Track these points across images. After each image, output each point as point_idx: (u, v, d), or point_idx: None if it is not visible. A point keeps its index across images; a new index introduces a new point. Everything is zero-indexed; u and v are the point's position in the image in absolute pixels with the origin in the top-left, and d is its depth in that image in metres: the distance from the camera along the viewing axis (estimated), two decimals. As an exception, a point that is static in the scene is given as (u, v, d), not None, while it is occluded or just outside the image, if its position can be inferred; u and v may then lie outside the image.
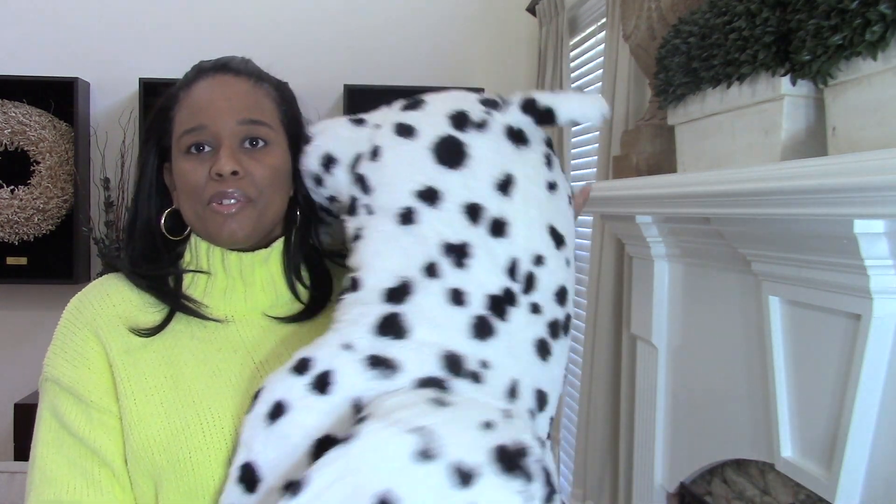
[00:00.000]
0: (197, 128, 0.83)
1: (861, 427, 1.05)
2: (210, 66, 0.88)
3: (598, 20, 2.54)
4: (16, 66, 2.98)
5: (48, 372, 0.83)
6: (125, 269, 0.88)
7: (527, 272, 0.77)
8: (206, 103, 0.84)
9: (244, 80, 0.87)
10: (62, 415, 0.80)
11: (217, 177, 0.82)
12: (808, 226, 1.07)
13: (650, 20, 1.65)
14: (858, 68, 0.99)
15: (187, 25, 3.08)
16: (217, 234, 0.84)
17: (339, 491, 0.60)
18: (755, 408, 1.33)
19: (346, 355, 0.71)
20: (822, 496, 1.12)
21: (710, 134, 1.37)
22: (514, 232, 0.78)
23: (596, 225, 2.20)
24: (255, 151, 0.84)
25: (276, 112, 0.88)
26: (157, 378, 0.81)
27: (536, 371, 0.76)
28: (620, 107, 2.08)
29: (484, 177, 0.78)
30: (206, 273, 0.87)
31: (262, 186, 0.84)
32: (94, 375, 0.81)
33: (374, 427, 0.63)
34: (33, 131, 2.90)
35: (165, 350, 0.83)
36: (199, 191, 0.83)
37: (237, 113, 0.84)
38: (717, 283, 1.47)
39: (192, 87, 0.87)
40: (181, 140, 0.84)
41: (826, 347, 1.13)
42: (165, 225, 0.88)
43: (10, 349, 3.02)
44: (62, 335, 0.84)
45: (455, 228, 0.76)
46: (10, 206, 2.89)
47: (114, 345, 0.82)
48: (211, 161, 0.82)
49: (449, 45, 3.18)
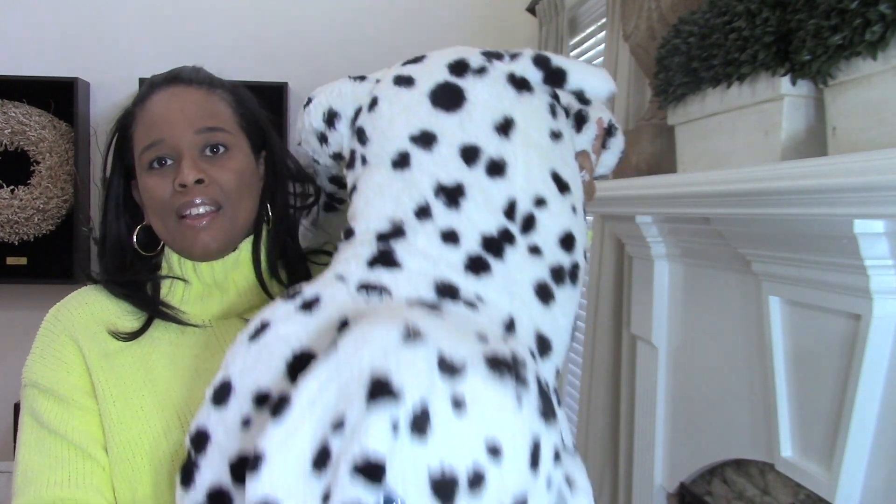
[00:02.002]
0: (155, 142, 0.83)
1: (861, 427, 1.05)
2: (161, 80, 0.89)
3: (598, 20, 2.53)
4: (16, 66, 2.97)
5: (27, 378, 0.84)
6: (102, 279, 0.88)
7: (526, 213, 0.74)
8: (162, 117, 0.84)
9: (196, 88, 0.88)
10: (41, 415, 0.80)
11: (181, 188, 0.82)
12: (808, 226, 1.07)
13: (650, 20, 1.64)
14: (858, 68, 0.99)
15: (187, 25, 3.08)
16: (190, 249, 0.84)
17: (327, 399, 0.57)
18: (755, 408, 1.33)
19: (338, 284, 0.69)
20: (823, 496, 1.12)
21: (710, 134, 1.37)
22: (513, 173, 0.75)
23: (596, 225, 2.20)
24: (217, 158, 0.85)
25: (232, 116, 0.88)
26: (135, 382, 0.81)
27: (537, 314, 0.73)
28: (620, 107, 2.08)
29: (482, 119, 0.76)
30: (183, 280, 0.87)
31: (228, 192, 0.84)
32: (72, 377, 0.82)
33: (358, 326, 0.59)
34: (33, 131, 2.90)
35: (143, 356, 0.83)
36: (166, 204, 0.83)
37: (193, 123, 0.84)
38: (717, 283, 1.47)
39: (145, 102, 0.87)
40: (142, 157, 0.85)
41: (826, 347, 1.13)
42: (138, 241, 0.89)
43: (11, 349, 3.02)
44: (40, 342, 0.85)
45: (449, 170, 0.74)
46: (10, 206, 2.89)
47: (91, 348, 0.83)
48: (174, 173, 0.83)
49: (449, 45, 3.17)
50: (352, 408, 0.56)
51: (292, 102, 3.04)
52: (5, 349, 3.03)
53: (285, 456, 0.57)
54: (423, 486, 0.55)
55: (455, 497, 0.55)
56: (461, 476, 0.55)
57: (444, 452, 0.56)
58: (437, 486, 0.55)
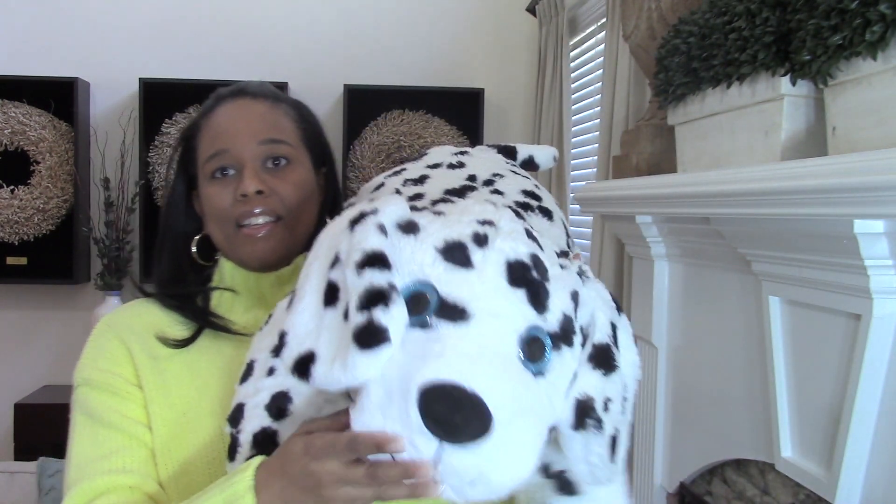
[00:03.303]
0: (219, 153, 0.86)
1: (861, 427, 1.05)
2: (227, 93, 0.91)
3: (598, 20, 2.54)
4: (16, 66, 2.98)
5: (78, 378, 0.85)
6: (154, 291, 0.90)
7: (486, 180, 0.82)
8: (226, 128, 0.86)
9: (261, 101, 0.89)
10: (95, 409, 0.82)
11: (242, 198, 0.84)
12: (808, 226, 1.07)
13: (650, 20, 1.65)
14: (858, 68, 0.99)
15: (187, 25, 3.08)
16: (248, 258, 0.86)
17: (323, 252, 0.63)
18: (755, 408, 1.33)
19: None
20: (823, 496, 1.12)
21: (710, 134, 1.37)
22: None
23: (596, 225, 2.20)
24: (278, 170, 0.86)
25: (295, 130, 0.90)
26: (181, 388, 0.83)
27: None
28: (620, 107, 2.08)
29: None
30: (233, 291, 0.89)
31: (288, 204, 0.86)
32: (121, 369, 0.83)
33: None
34: (33, 131, 2.90)
35: (191, 363, 0.84)
36: (227, 213, 0.85)
37: (257, 134, 0.86)
38: (717, 283, 1.47)
39: (211, 114, 0.89)
40: (205, 166, 0.87)
41: (826, 347, 1.13)
42: (197, 251, 0.91)
43: (10, 349, 3.02)
44: (90, 345, 0.86)
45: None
46: (10, 206, 2.89)
47: (139, 350, 0.84)
48: (235, 183, 0.85)
49: (449, 45, 3.18)
50: (340, 240, 0.62)
51: (292, 102, 3.04)
52: (5, 349, 3.03)
53: (301, 304, 0.63)
54: (434, 256, 0.59)
55: (468, 252, 0.60)
56: (467, 239, 0.60)
57: (443, 233, 0.60)
58: (447, 249, 0.59)
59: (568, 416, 0.62)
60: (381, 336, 0.56)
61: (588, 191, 1.84)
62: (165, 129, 2.96)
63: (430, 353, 0.56)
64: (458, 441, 0.54)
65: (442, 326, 0.58)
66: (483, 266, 0.60)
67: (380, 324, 0.56)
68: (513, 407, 0.56)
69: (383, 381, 0.56)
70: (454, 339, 0.57)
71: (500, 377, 0.56)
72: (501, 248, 0.61)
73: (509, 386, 0.57)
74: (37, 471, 2.10)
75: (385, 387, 0.56)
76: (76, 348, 0.89)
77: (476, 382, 0.54)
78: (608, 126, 2.15)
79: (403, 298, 0.58)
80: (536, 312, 0.60)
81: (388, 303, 0.57)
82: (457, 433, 0.54)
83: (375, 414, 0.56)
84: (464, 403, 0.53)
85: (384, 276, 0.58)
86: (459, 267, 0.59)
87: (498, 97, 3.18)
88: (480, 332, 0.58)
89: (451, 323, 0.58)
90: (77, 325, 3.00)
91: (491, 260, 0.60)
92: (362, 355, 0.56)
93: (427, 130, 3.04)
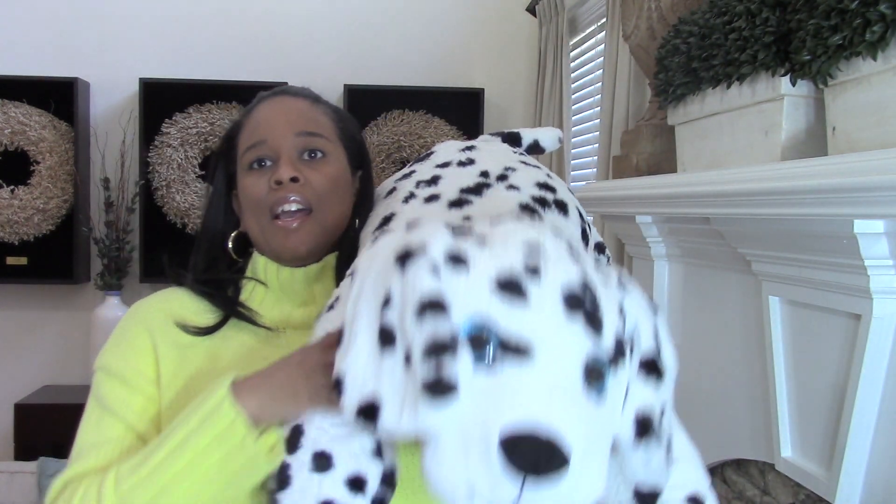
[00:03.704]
0: (257, 143, 0.89)
1: (861, 427, 1.05)
2: (269, 93, 0.95)
3: (598, 20, 2.54)
4: (16, 66, 2.97)
5: (98, 364, 0.86)
6: (187, 279, 0.91)
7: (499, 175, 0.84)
8: (266, 120, 0.90)
9: (301, 99, 0.93)
10: (104, 397, 0.83)
11: (276, 185, 0.86)
12: (808, 226, 1.07)
13: (650, 20, 1.65)
14: (858, 68, 0.99)
15: (187, 25, 3.08)
16: (280, 249, 0.88)
17: (367, 289, 0.64)
18: (755, 408, 1.33)
19: None
20: (822, 496, 1.12)
21: (710, 134, 1.37)
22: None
23: (596, 225, 2.20)
24: (314, 162, 0.89)
25: (333, 127, 0.93)
26: (200, 376, 0.84)
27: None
28: (620, 107, 2.08)
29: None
30: (264, 284, 0.91)
31: (320, 193, 0.87)
32: (140, 363, 0.84)
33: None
34: (33, 131, 2.90)
35: (213, 349, 0.86)
36: (262, 202, 0.87)
37: (294, 126, 0.89)
38: (717, 283, 1.47)
39: (252, 111, 0.93)
40: (244, 157, 0.90)
41: (826, 347, 1.13)
42: (232, 247, 0.94)
43: (10, 349, 3.02)
44: (116, 333, 0.88)
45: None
46: (10, 206, 2.89)
47: (163, 339, 0.85)
48: (271, 173, 0.87)
49: (449, 45, 3.18)
50: (391, 279, 0.62)
51: (292, 102, 3.04)
52: (5, 349, 3.03)
53: (355, 346, 0.63)
54: (490, 293, 0.59)
55: (522, 285, 0.59)
56: (518, 271, 0.60)
57: (493, 264, 0.60)
58: (503, 287, 0.59)
59: (628, 433, 0.64)
60: (450, 387, 0.57)
61: (588, 191, 1.84)
62: (165, 129, 2.96)
63: (502, 398, 0.56)
64: (538, 480, 0.55)
65: (507, 366, 0.58)
66: (540, 298, 0.59)
67: (449, 376, 0.57)
68: (587, 434, 0.57)
69: (458, 429, 0.57)
70: (522, 378, 0.57)
71: (572, 412, 0.57)
72: (555, 276, 0.60)
73: (581, 419, 0.57)
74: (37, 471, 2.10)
75: (460, 435, 0.57)
76: (76, 348, 0.89)
77: (553, 422, 0.55)
78: (608, 126, 2.15)
79: (465, 341, 0.58)
80: (594, 338, 0.60)
81: (451, 349, 0.57)
82: (538, 474, 0.55)
83: (456, 464, 0.56)
84: (545, 445, 0.54)
85: (446, 325, 0.58)
86: (516, 301, 0.59)
87: (498, 97, 3.18)
88: (547, 369, 0.58)
89: (515, 362, 0.58)
90: (77, 325, 3.00)
91: (547, 291, 0.59)
92: (433, 406, 0.57)
93: (427, 130, 3.03)
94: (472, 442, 0.56)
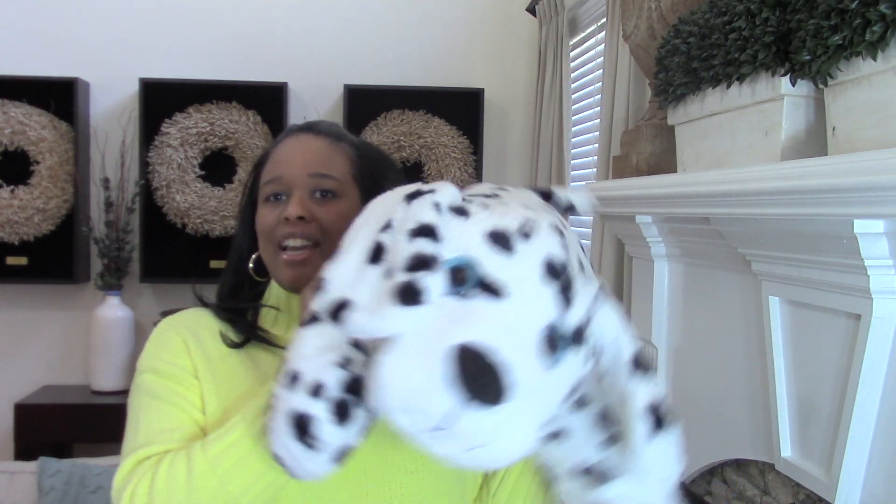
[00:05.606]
0: (275, 178, 0.95)
1: (861, 427, 1.05)
2: (297, 127, 1.01)
3: (598, 20, 2.54)
4: (16, 66, 2.97)
5: (143, 366, 0.92)
6: (211, 303, 0.99)
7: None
8: (286, 157, 0.97)
9: (323, 138, 0.98)
10: (159, 392, 0.89)
11: (285, 221, 0.92)
12: (808, 226, 1.07)
13: (650, 20, 1.65)
14: (858, 68, 0.99)
15: (187, 25, 3.08)
16: (283, 279, 0.94)
17: (376, 214, 0.69)
18: (755, 408, 1.33)
19: None
20: (822, 496, 1.12)
21: (710, 134, 1.37)
22: None
23: (596, 225, 2.20)
24: (325, 201, 0.95)
25: (348, 168, 0.97)
26: (231, 385, 0.90)
27: None
28: (620, 107, 2.08)
29: None
30: (276, 309, 0.98)
31: (327, 230, 0.92)
32: (184, 361, 0.91)
33: None
34: (33, 131, 2.89)
35: (235, 369, 0.92)
36: (272, 233, 0.94)
37: (309, 167, 0.95)
38: (717, 283, 1.47)
39: (279, 144, 1.00)
40: (263, 189, 0.97)
41: (826, 347, 1.13)
42: (253, 268, 1.00)
43: (10, 349, 3.02)
44: (154, 339, 0.95)
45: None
46: (10, 206, 2.88)
47: (196, 350, 0.92)
48: (283, 207, 0.94)
49: (449, 45, 3.18)
50: (395, 210, 0.67)
51: (292, 102, 3.04)
52: (5, 349, 3.03)
53: (346, 258, 0.68)
54: (480, 239, 0.64)
55: (512, 240, 0.64)
56: (512, 231, 0.64)
57: (490, 222, 0.65)
58: (494, 237, 0.64)
59: (644, 427, 0.68)
60: (419, 295, 0.61)
61: (588, 191, 1.84)
62: (165, 129, 2.95)
63: (465, 319, 0.60)
64: (475, 404, 0.57)
65: (478, 299, 0.62)
66: (524, 255, 0.63)
67: (420, 284, 0.61)
68: (530, 387, 0.60)
69: (416, 336, 0.60)
70: (489, 311, 0.61)
71: (524, 357, 0.60)
72: (542, 245, 0.64)
73: (529, 371, 0.60)
74: (37, 471, 2.10)
75: (417, 341, 0.60)
76: (76, 348, 0.90)
77: (505, 353, 0.58)
78: (608, 126, 2.15)
79: (446, 269, 0.62)
80: (560, 309, 0.63)
81: (431, 269, 0.61)
82: (477, 395, 0.57)
83: (402, 361, 0.60)
84: (490, 368, 0.57)
85: (432, 247, 0.63)
86: (502, 251, 0.63)
87: (498, 97, 3.18)
88: (513, 311, 0.61)
89: (486, 298, 0.62)
90: (77, 325, 3.00)
91: (532, 251, 0.64)
92: (399, 309, 0.60)
93: (427, 130, 3.03)
94: (426, 350, 0.59)
